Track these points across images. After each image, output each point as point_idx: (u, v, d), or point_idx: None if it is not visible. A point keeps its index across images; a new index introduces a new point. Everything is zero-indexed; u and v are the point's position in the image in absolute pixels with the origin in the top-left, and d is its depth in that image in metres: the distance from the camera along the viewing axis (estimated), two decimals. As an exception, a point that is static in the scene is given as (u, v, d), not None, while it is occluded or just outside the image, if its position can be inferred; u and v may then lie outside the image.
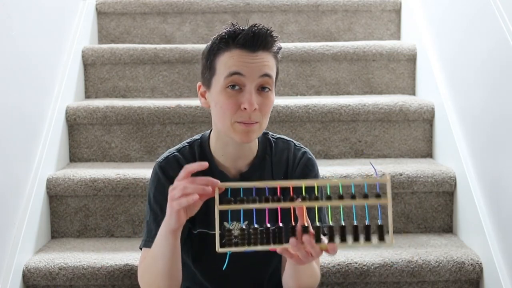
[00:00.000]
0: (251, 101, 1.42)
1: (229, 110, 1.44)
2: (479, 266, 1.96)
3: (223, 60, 1.45)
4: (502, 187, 1.91)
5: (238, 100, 1.43)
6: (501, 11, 1.93)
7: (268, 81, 1.45)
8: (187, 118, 2.44)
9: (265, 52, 1.45)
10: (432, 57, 2.57)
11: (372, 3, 3.04)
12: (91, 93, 2.79)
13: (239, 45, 1.44)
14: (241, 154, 1.55)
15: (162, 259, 1.42)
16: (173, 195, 1.31)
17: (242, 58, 1.44)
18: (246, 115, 1.43)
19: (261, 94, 1.45)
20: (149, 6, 3.04)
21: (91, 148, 2.49)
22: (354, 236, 1.24)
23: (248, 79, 1.43)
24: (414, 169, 2.23)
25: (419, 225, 2.25)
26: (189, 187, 1.29)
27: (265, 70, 1.44)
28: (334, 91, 2.78)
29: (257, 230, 1.25)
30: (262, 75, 1.44)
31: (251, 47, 1.44)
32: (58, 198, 2.23)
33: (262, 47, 1.45)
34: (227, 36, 1.45)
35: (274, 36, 1.48)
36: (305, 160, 1.58)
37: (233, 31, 1.46)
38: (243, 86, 1.44)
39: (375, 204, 1.25)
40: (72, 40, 2.70)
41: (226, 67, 1.45)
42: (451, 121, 2.30)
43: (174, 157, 1.57)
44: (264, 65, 1.44)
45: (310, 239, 1.23)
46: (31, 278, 1.96)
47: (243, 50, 1.44)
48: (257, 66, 1.44)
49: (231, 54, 1.45)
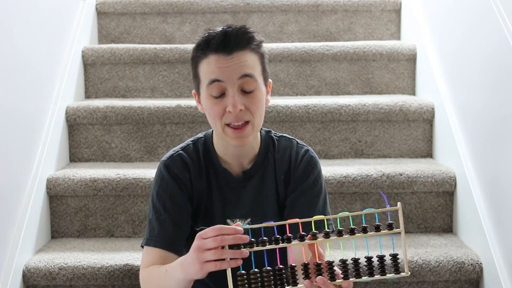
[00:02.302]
0: (234, 103, 1.42)
1: (217, 115, 1.46)
2: (479, 266, 1.96)
3: (203, 68, 1.46)
4: (502, 187, 1.91)
5: (223, 105, 1.44)
6: (501, 11, 1.92)
7: (249, 81, 1.45)
8: (187, 118, 2.44)
9: (241, 51, 1.44)
10: (432, 57, 2.57)
11: (372, 3, 3.04)
12: (91, 93, 2.79)
13: (213, 50, 1.44)
14: (242, 153, 1.56)
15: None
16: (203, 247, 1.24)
17: (218, 64, 1.43)
18: (232, 116, 1.44)
19: (246, 94, 1.45)
20: (149, 6, 3.04)
21: (91, 148, 2.49)
22: (369, 269, 1.24)
23: (228, 83, 1.43)
24: (414, 169, 2.23)
25: (419, 225, 2.25)
26: (226, 252, 1.23)
27: (243, 71, 1.44)
28: (334, 91, 2.78)
29: (269, 272, 1.24)
30: (241, 77, 1.44)
31: (225, 50, 1.43)
32: (58, 198, 2.23)
33: (236, 47, 1.43)
34: (202, 43, 1.46)
35: (249, 32, 1.47)
36: (308, 158, 1.59)
37: (206, 37, 1.46)
38: (225, 91, 1.44)
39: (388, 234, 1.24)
40: (72, 40, 2.70)
41: (206, 75, 1.46)
42: (451, 121, 2.30)
43: (179, 155, 1.57)
44: (241, 66, 1.43)
45: (324, 280, 1.22)
46: (31, 278, 1.96)
47: (218, 54, 1.44)
48: (234, 69, 1.43)
49: (208, 60, 1.45)
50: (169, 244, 1.52)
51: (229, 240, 1.23)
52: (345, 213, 1.24)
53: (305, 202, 1.55)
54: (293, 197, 1.56)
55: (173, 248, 1.51)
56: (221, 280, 1.58)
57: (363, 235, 1.24)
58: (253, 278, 1.23)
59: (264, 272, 1.24)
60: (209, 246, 1.24)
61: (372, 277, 1.23)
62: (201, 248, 1.25)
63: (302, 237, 1.24)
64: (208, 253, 1.24)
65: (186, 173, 1.56)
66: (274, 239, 1.25)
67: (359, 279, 1.23)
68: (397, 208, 1.24)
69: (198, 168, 1.57)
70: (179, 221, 1.54)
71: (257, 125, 1.49)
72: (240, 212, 1.57)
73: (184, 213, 1.56)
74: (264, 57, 1.50)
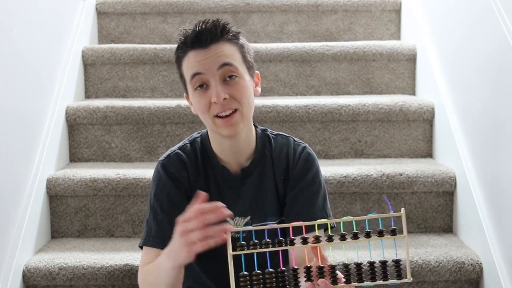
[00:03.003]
0: (217, 93, 1.45)
1: (204, 108, 1.48)
2: (479, 266, 1.96)
3: (185, 66, 1.51)
4: (502, 187, 1.91)
5: (208, 97, 1.47)
6: (501, 11, 1.92)
7: (230, 69, 1.47)
8: (187, 118, 2.44)
9: (217, 43, 1.48)
10: (432, 57, 2.57)
11: (372, 3, 3.04)
12: (91, 93, 2.79)
13: (190, 47, 1.49)
14: (238, 149, 1.56)
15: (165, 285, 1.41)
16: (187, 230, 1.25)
17: (196, 58, 1.48)
18: (219, 106, 1.46)
19: (228, 83, 1.47)
20: (149, 6, 3.04)
21: (91, 148, 2.49)
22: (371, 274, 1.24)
23: (209, 75, 1.46)
24: (414, 169, 2.23)
25: (419, 225, 2.25)
26: (210, 230, 1.24)
27: (221, 60, 1.47)
28: (334, 91, 2.78)
29: (272, 274, 1.24)
30: (220, 66, 1.46)
31: (200, 44, 1.47)
32: (58, 198, 2.23)
33: (210, 40, 1.47)
34: (180, 43, 1.52)
35: (222, 25, 1.50)
36: (306, 155, 1.59)
37: (182, 37, 1.51)
38: (208, 82, 1.47)
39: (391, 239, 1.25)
40: (72, 40, 2.70)
41: (187, 71, 1.50)
42: (451, 121, 2.30)
43: (176, 154, 1.58)
44: (218, 56, 1.47)
45: (326, 283, 1.23)
46: (31, 278, 1.96)
47: (195, 50, 1.48)
48: (211, 60, 1.47)
49: (188, 57, 1.50)
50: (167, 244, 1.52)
51: (212, 218, 1.24)
52: (348, 218, 1.25)
53: (304, 200, 1.55)
54: (293, 195, 1.56)
55: None
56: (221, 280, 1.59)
57: (366, 239, 1.24)
58: (255, 280, 1.23)
59: (266, 274, 1.24)
60: (192, 227, 1.25)
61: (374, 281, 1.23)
62: (185, 231, 1.26)
63: (305, 240, 1.24)
64: (193, 235, 1.25)
65: (183, 172, 1.56)
66: (277, 241, 1.25)
67: (361, 284, 1.24)
68: (401, 214, 1.24)
69: (196, 167, 1.57)
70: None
71: (246, 113, 1.50)
72: (239, 210, 1.57)
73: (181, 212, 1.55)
74: (243, 47, 1.53)
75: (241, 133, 1.52)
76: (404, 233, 1.24)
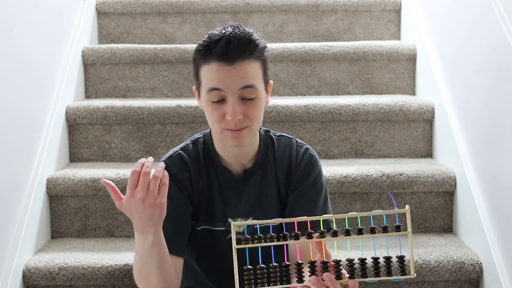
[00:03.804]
0: (233, 113, 1.42)
1: (215, 120, 1.45)
2: (479, 266, 1.96)
3: (204, 73, 1.45)
4: (502, 187, 1.91)
5: (223, 111, 1.44)
6: (501, 11, 1.92)
7: (251, 91, 1.43)
8: (187, 118, 2.44)
9: (244, 61, 1.41)
10: (432, 57, 2.57)
11: (372, 3, 3.04)
12: (91, 93, 2.79)
13: (214, 57, 1.41)
14: (242, 151, 1.56)
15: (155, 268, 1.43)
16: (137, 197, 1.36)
17: (219, 73, 1.41)
18: (232, 123, 1.43)
19: (246, 102, 1.44)
20: (149, 6, 3.04)
21: (91, 148, 2.49)
22: (375, 269, 1.25)
23: (228, 93, 1.42)
24: (414, 169, 2.23)
25: (419, 225, 2.25)
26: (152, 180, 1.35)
27: (244, 82, 1.42)
28: (334, 91, 2.78)
29: (276, 268, 1.24)
30: (242, 88, 1.42)
31: (226, 59, 1.40)
32: (58, 198, 2.23)
33: (239, 57, 1.41)
34: (203, 48, 1.44)
35: (253, 40, 1.43)
36: (308, 156, 1.59)
37: (208, 43, 1.43)
38: (226, 98, 1.43)
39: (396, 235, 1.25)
40: (72, 40, 2.70)
41: (206, 81, 1.44)
42: (451, 121, 2.30)
43: (178, 155, 1.58)
44: (243, 77, 1.41)
45: (331, 276, 1.23)
46: (31, 278, 1.96)
47: (219, 63, 1.41)
48: (235, 80, 1.41)
49: (209, 67, 1.43)
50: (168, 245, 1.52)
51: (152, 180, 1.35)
52: (353, 213, 1.25)
53: (306, 201, 1.55)
54: (294, 196, 1.57)
55: (173, 248, 1.51)
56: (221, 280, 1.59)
57: (371, 235, 1.24)
58: (259, 274, 1.24)
59: (271, 268, 1.24)
60: (141, 196, 1.35)
61: (378, 277, 1.23)
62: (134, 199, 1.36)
63: (310, 235, 1.25)
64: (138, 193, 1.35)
65: (185, 173, 1.56)
66: (282, 236, 1.25)
67: (365, 279, 1.24)
68: (405, 210, 1.25)
69: (198, 168, 1.57)
70: (179, 222, 1.54)
71: (255, 128, 1.50)
72: (241, 211, 1.57)
73: (183, 213, 1.56)
74: (266, 61, 1.48)
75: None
76: (409, 229, 1.24)
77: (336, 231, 1.25)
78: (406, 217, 1.25)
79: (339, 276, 1.23)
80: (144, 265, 1.44)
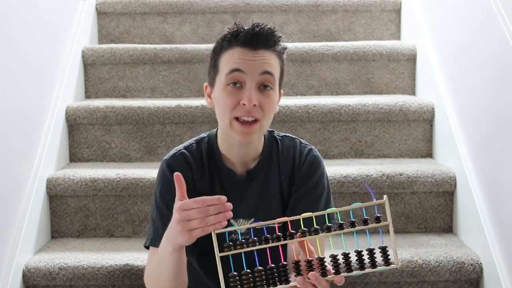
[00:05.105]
0: (250, 97, 1.44)
1: (229, 106, 1.46)
2: (479, 266, 1.96)
3: (225, 58, 1.48)
4: (502, 187, 1.91)
5: (238, 97, 1.45)
6: (501, 11, 1.93)
7: (269, 79, 1.47)
8: (187, 118, 2.44)
9: (266, 50, 1.47)
10: (432, 57, 2.57)
11: (372, 3, 3.04)
12: (91, 93, 2.79)
13: (240, 43, 1.46)
14: (246, 152, 1.56)
15: (169, 271, 1.41)
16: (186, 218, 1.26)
17: (242, 56, 1.46)
18: (245, 109, 1.45)
19: (262, 92, 1.47)
20: (149, 6, 3.04)
21: (91, 148, 2.49)
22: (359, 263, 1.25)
23: (248, 76, 1.45)
24: (414, 169, 2.23)
25: (419, 225, 2.25)
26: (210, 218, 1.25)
27: (265, 68, 1.46)
28: (334, 91, 2.78)
29: (261, 272, 1.24)
30: (262, 73, 1.46)
31: (252, 45, 1.46)
32: (58, 198, 2.23)
33: (263, 45, 1.47)
34: (229, 35, 1.48)
35: (277, 35, 1.50)
36: (312, 157, 1.59)
37: (235, 30, 1.48)
38: (244, 83, 1.45)
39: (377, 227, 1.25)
40: (72, 40, 2.70)
41: (227, 64, 1.47)
42: (451, 121, 2.30)
43: (181, 154, 1.57)
44: (264, 62, 1.46)
45: (316, 275, 1.23)
46: (31, 278, 1.96)
47: (244, 48, 1.46)
48: (257, 64, 1.45)
49: (232, 52, 1.47)
50: None
51: (213, 210, 1.25)
52: (332, 209, 1.27)
53: (307, 202, 1.55)
54: (296, 197, 1.56)
55: None
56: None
57: (352, 229, 1.25)
58: (245, 279, 1.24)
59: (256, 272, 1.24)
60: (193, 217, 1.25)
61: (363, 270, 1.24)
62: (184, 220, 1.26)
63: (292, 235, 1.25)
64: (193, 222, 1.25)
65: (188, 172, 1.55)
66: (264, 239, 1.25)
67: (350, 274, 1.24)
68: (383, 201, 1.25)
69: (201, 168, 1.57)
70: None
71: (265, 126, 1.50)
72: (244, 212, 1.56)
73: None
74: (283, 64, 1.53)
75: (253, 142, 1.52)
76: (388, 219, 1.24)
77: (317, 229, 1.25)
78: (385, 208, 1.25)
79: (324, 273, 1.24)
80: (159, 263, 1.44)
